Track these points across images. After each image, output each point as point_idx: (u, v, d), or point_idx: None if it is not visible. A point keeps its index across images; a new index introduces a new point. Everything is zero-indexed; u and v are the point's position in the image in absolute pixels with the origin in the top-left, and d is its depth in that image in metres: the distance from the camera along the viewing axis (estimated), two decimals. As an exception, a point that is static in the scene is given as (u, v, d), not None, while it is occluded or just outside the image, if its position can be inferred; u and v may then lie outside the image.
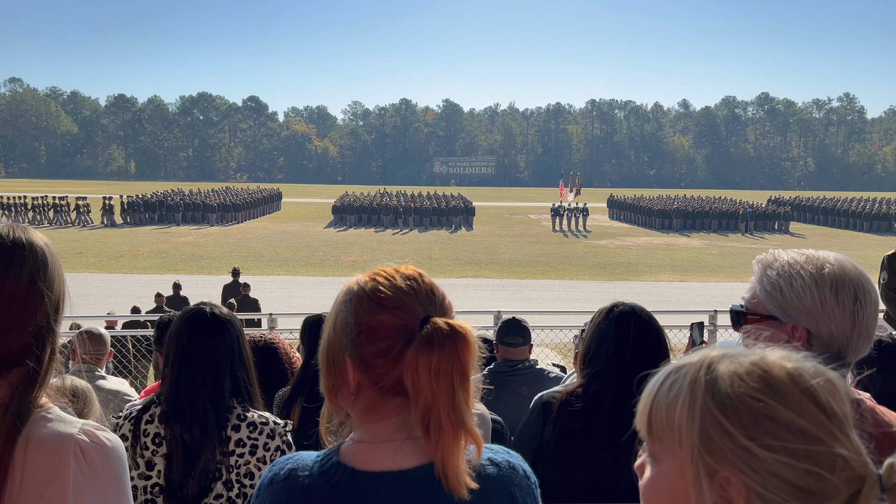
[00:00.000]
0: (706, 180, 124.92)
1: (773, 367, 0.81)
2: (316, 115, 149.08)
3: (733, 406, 0.79)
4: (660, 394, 0.86)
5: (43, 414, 1.20)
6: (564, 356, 8.20)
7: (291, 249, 28.20)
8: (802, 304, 1.44)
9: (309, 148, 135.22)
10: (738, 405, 0.79)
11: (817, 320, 1.43)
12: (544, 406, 2.27)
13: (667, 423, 0.84)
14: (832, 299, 1.42)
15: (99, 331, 3.93)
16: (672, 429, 0.84)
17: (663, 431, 0.85)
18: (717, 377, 0.82)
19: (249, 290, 12.82)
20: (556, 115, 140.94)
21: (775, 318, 1.48)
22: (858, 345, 1.43)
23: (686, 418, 0.82)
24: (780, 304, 1.47)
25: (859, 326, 1.42)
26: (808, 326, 1.44)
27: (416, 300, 1.13)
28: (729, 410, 0.79)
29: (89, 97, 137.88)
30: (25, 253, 1.22)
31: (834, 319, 1.42)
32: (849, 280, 1.43)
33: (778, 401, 0.78)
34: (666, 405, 0.85)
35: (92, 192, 48.16)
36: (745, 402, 0.79)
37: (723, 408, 0.80)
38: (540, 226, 41.44)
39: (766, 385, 0.80)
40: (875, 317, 1.45)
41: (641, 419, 0.89)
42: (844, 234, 39.22)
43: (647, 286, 20.64)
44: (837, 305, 1.42)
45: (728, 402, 0.80)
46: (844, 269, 1.45)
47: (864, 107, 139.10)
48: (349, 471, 1.11)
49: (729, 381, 0.81)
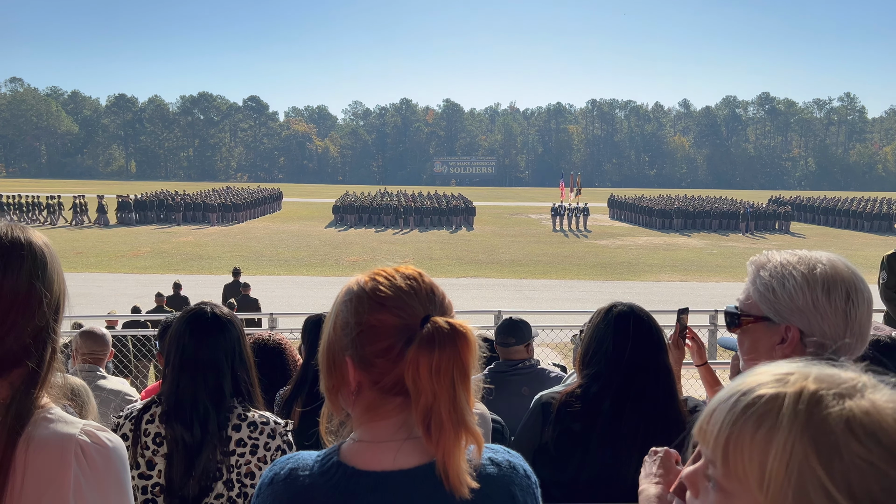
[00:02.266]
0: (707, 180, 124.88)
1: (889, 420, 0.68)
2: (316, 114, 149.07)
3: (840, 466, 0.67)
4: (745, 424, 0.73)
5: (44, 414, 1.20)
6: (565, 356, 8.21)
7: (292, 249, 28.20)
8: (795, 304, 1.44)
9: (309, 148, 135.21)
10: (846, 466, 0.66)
11: (810, 320, 1.43)
12: (544, 407, 2.28)
13: (752, 462, 0.72)
14: (824, 299, 1.41)
15: (100, 331, 3.93)
16: (756, 471, 0.71)
17: (745, 470, 0.72)
18: (823, 426, 0.68)
19: (250, 290, 12.82)
20: (556, 115, 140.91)
21: (769, 318, 1.48)
22: (852, 344, 1.42)
23: (779, 467, 0.69)
24: (773, 305, 1.47)
25: (852, 326, 1.42)
26: (800, 327, 1.44)
27: (417, 299, 1.12)
28: (835, 470, 0.67)
29: (90, 97, 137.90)
30: (24, 253, 1.21)
31: (826, 319, 1.41)
32: (841, 280, 1.42)
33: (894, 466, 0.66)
34: (753, 442, 0.72)
35: (90, 191, 48.12)
36: (854, 464, 0.66)
37: (828, 466, 0.67)
38: (540, 226, 41.43)
39: (881, 447, 0.67)
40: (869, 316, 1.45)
41: (716, 442, 0.75)
42: (845, 234, 39.21)
43: (648, 286, 20.64)
44: (829, 305, 1.41)
45: (837, 464, 0.67)
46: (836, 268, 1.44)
47: (864, 106, 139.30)
48: (350, 471, 1.11)
49: (841, 437, 0.67)
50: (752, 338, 1.52)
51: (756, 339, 1.51)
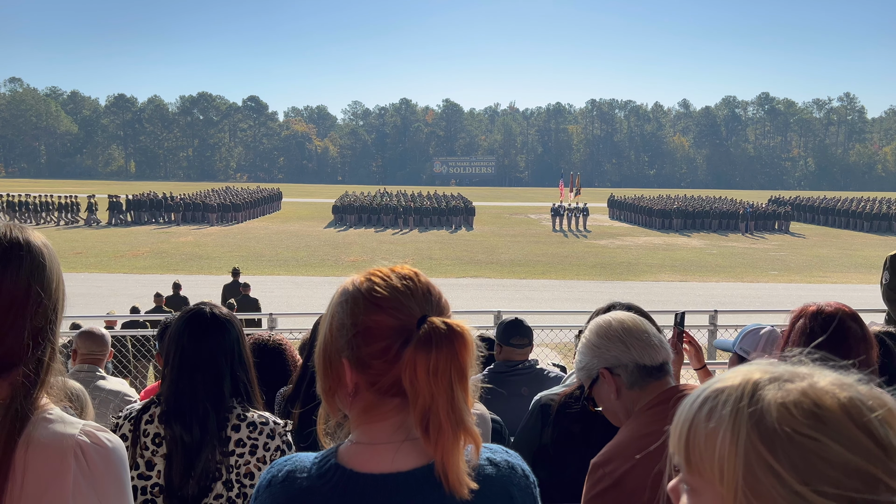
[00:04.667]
0: (706, 180, 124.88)
1: (826, 398, 0.72)
2: (316, 114, 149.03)
3: (782, 444, 0.70)
4: (697, 420, 0.77)
5: (44, 415, 1.20)
6: (564, 356, 8.20)
7: (291, 249, 28.19)
8: (586, 356, 1.80)
9: (309, 148, 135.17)
10: (787, 444, 0.70)
11: (603, 357, 1.75)
12: (543, 408, 2.28)
13: (706, 455, 0.75)
14: (595, 338, 1.78)
15: (99, 331, 3.93)
16: (713, 462, 0.75)
17: (703, 464, 0.76)
18: (762, 409, 0.72)
19: (249, 290, 12.82)
20: (556, 115, 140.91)
21: (591, 379, 1.80)
22: (644, 356, 1.72)
23: (728, 454, 0.73)
24: (582, 368, 1.81)
25: (631, 342, 1.73)
26: (603, 365, 1.75)
27: (413, 300, 1.12)
28: (778, 449, 0.70)
29: (89, 97, 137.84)
30: (23, 253, 1.21)
31: (609, 349, 1.75)
32: (595, 323, 1.81)
33: (833, 438, 0.69)
34: (705, 435, 0.76)
35: (89, 191, 48.12)
36: (794, 439, 0.70)
37: (770, 446, 0.71)
38: (540, 226, 41.43)
39: (818, 420, 0.71)
40: (646, 332, 1.76)
41: (678, 445, 0.80)
42: (844, 234, 39.22)
43: (648, 286, 20.63)
44: (602, 339, 1.77)
45: (776, 440, 0.71)
46: (600, 317, 1.83)
47: (864, 106, 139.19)
48: (348, 472, 1.10)
49: (777, 415, 0.71)
50: (599, 399, 1.80)
51: (599, 396, 1.80)
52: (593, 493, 1.67)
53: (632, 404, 1.73)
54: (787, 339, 2.10)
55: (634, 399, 1.73)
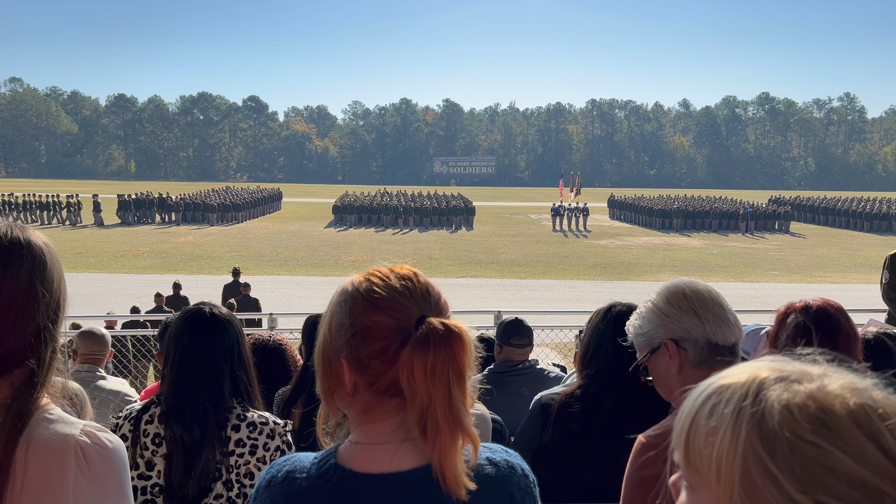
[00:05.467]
0: (706, 180, 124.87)
1: (834, 402, 0.67)
2: (316, 114, 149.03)
3: (782, 449, 0.66)
4: (699, 416, 0.74)
5: (44, 415, 1.20)
6: (564, 356, 8.20)
7: (291, 249, 28.19)
8: (652, 322, 1.66)
9: (309, 148, 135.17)
10: (787, 449, 0.66)
11: (671, 327, 1.62)
12: (543, 408, 2.27)
13: (705, 453, 0.72)
14: (665, 305, 1.64)
15: (99, 331, 3.93)
16: (710, 461, 0.72)
17: (701, 462, 0.73)
18: (764, 410, 0.68)
19: (250, 290, 12.83)
20: (556, 115, 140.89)
21: (652, 348, 1.66)
22: (717, 333, 1.60)
23: (727, 454, 0.70)
24: (643, 334, 1.68)
25: (706, 317, 1.60)
26: (668, 335, 1.63)
27: (412, 300, 1.12)
28: (777, 453, 0.66)
29: (89, 97, 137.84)
30: (24, 253, 1.21)
31: (680, 320, 1.61)
32: (675, 286, 1.66)
33: (837, 446, 0.65)
34: (705, 433, 0.72)
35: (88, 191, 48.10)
36: (796, 446, 0.66)
37: (770, 449, 0.67)
38: (540, 226, 41.43)
39: (824, 426, 0.66)
40: (720, 305, 1.63)
41: (678, 440, 0.77)
42: (844, 234, 39.22)
43: (648, 286, 20.49)
44: (673, 308, 1.63)
45: (777, 444, 0.67)
46: (672, 282, 1.68)
47: (864, 106, 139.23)
48: (347, 473, 1.10)
49: (779, 417, 0.67)
50: (655, 372, 1.68)
51: (656, 370, 1.68)
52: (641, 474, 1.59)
53: (694, 383, 1.66)
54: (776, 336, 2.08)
55: (698, 379, 1.66)
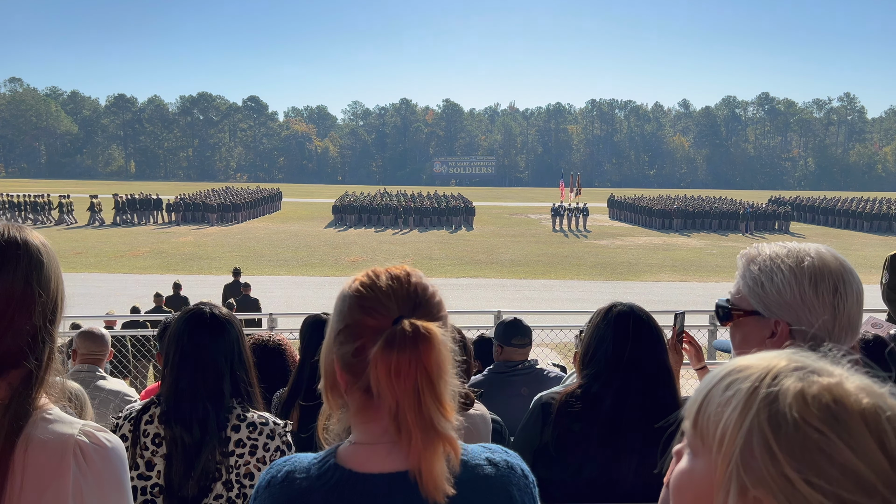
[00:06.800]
0: (706, 180, 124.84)
1: (848, 399, 0.71)
2: (316, 114, 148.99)
3: (787, 430, 0.70)
4: (716, 389, 0.79)
5: (43, 415, 1.20)
6: (564, 356, 8.21)
7: (291, 249, 28.19)
8: (783, 299, 1.44)
9: (309, 148, 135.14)
10: (792, 430, 0.70)
11: (798, 315, 1.43)
12: (543, 407, 2.27)
13: (713, 421, 0.77)
14: (811, 293, 1.41)
15: (99, 331, 3.93)
16: (716, 429, 0.76)
17: (707, 429, 0.78)
18: (779, 392, 0.72)
19: (250, 290, 12.83)
20: (556, 115, 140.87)
21: (759, 313, 1.48)
22: (841, 337, 1.42)
23: (733, 425, 0.74)
24: (762, 300, 1.47)
25: (840, 318, 1.41)
26: (789, 321, 1.44)
27: (393, 300, 1.11)
28: (781, 433, 0.70)
29: (89, 97, 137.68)
30: (20, 252, 1.21)
31: (814, 313, 1.41)
32: (828, 272, 1.42)
33: (841, 437, 0.68)
34: (717, 403, 0.77)
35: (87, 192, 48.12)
36: (801, 429, 0.70)
37: (775, 428, 0.71)
38: (540, 226, 41.43)
39: (832, 416, 0.70)
40: (858, 308, 1.45)
41: (691, 408, 0.82)
42: (844, 234, 39.21)
43: (647, 286, 20.63)
44: (817, 299, 1.41)
45: (783, 424, 0.71)
46: (825, 261, 1.44)
47: (864, 107, 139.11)
48: (346, 473, 1.10)
49: (791, 400, 0.71)
50: (743, 331, 1.53)
51: (747, 332, 1.52)
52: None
53: None
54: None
55: None
